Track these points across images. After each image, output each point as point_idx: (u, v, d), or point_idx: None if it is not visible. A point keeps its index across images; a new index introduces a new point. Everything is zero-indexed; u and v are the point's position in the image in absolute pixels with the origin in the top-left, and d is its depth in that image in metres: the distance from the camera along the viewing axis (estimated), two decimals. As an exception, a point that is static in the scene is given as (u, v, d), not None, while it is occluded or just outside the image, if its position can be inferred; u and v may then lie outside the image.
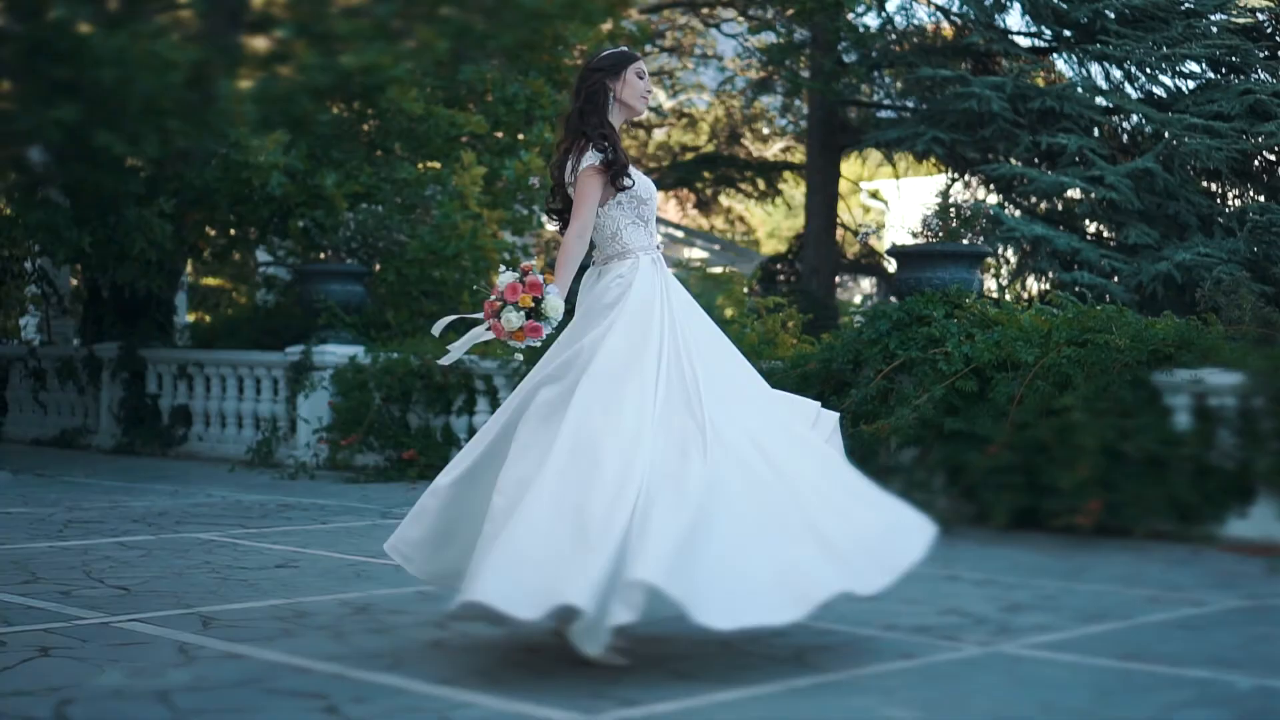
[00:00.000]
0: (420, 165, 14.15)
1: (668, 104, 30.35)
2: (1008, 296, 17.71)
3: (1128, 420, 8.27)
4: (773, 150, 30.00)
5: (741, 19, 27.23)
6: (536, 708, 4.48)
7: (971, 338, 8.96)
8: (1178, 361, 8.49)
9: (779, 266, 26.87)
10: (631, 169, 5.57)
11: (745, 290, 29.71)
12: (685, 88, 31.66)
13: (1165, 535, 8.23)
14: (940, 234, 9.72)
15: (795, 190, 28.86)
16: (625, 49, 5.80)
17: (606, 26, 15.85)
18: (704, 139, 30.94)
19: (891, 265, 25.20)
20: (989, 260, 11.60)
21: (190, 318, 19.34)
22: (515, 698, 4.59)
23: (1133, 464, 8.23)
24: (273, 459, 12.99)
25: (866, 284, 30.48)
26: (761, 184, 27.78)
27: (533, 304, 5.26)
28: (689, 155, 30.24)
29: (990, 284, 18.64)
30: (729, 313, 12.13)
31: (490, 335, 5.41)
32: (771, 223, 38.21)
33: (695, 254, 30.06)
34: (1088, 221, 21.11)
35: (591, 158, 5.44)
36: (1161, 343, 8.46)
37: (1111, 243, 20.47)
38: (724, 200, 31.74)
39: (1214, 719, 4.44)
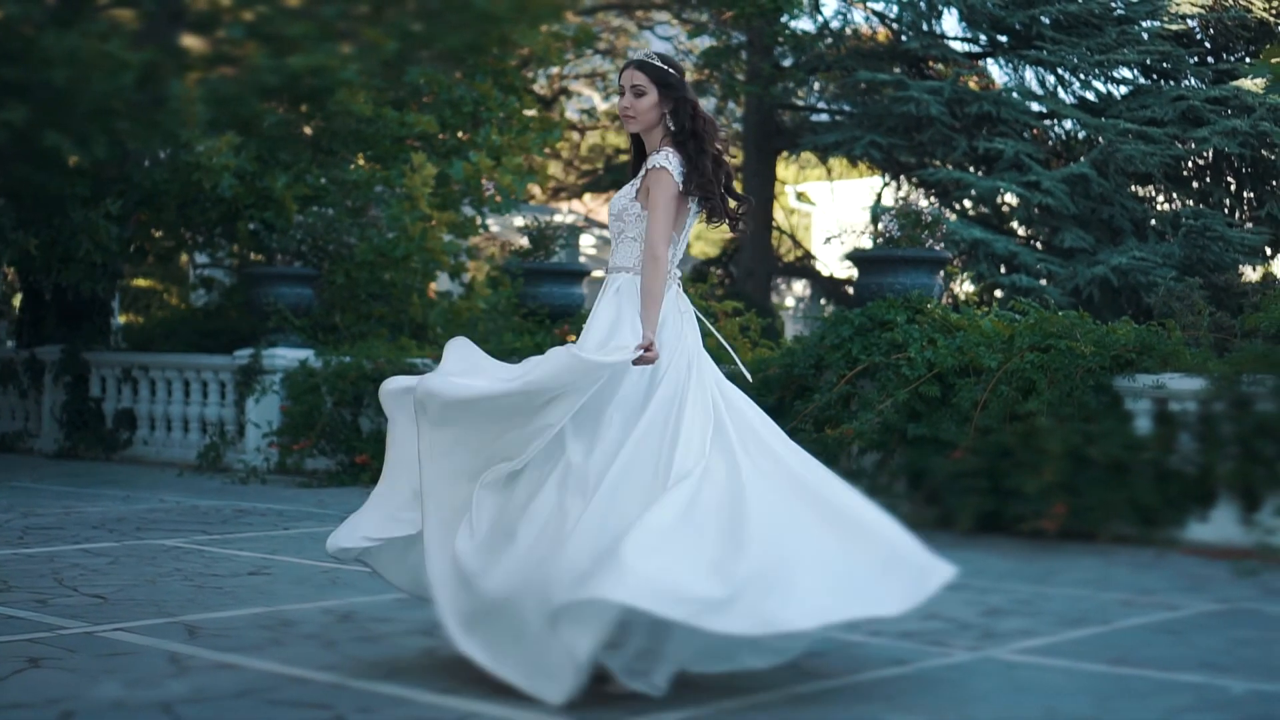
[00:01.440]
0: (367, 166, 14.07)
1: (601, 106, 30.35)
2: (946, 300, 17.83)
3: (1091, 425, 8.37)
4: (706, 153, 29.98)
5: (676, 22, 27.32)
6: (544, 716, 4.48)
7: (934, 343, 9.02)
8: (1139, 367, 8.59)
9: (713, 269, 26.90)
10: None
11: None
12: (618, 90, 31.67)
13: (1128, 539, 8.34)
14: (899, 239, 9.78)
15: (730, 193, 28.82)
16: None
17: (547, 29, 15.83)
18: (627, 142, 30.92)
19: (825, 268, 25.39)
20: (953, 265, 11.66)
21: (121, 319, 19.13)
22: (520, 707, 4.58)
23: (1096, 468, 8.32)
24: (221, 463, 12.88)
25: (799, 286, 30.57)
26: (696, 186, 27.71)
27: None
28: (623, 158, 30.25)
29: (956, 288, 18.78)
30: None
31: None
32: (697, 226, 38.29)
33: (628, 256, 29.99)
34: (1017, 224, 21.31)
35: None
36: (1123, 348, 8.56)
37: (1042, 246, 20.69)
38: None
39: (1218, 723, 4.51)
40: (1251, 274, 22.24)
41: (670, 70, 5.39)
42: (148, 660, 5.25)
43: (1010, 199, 20.85)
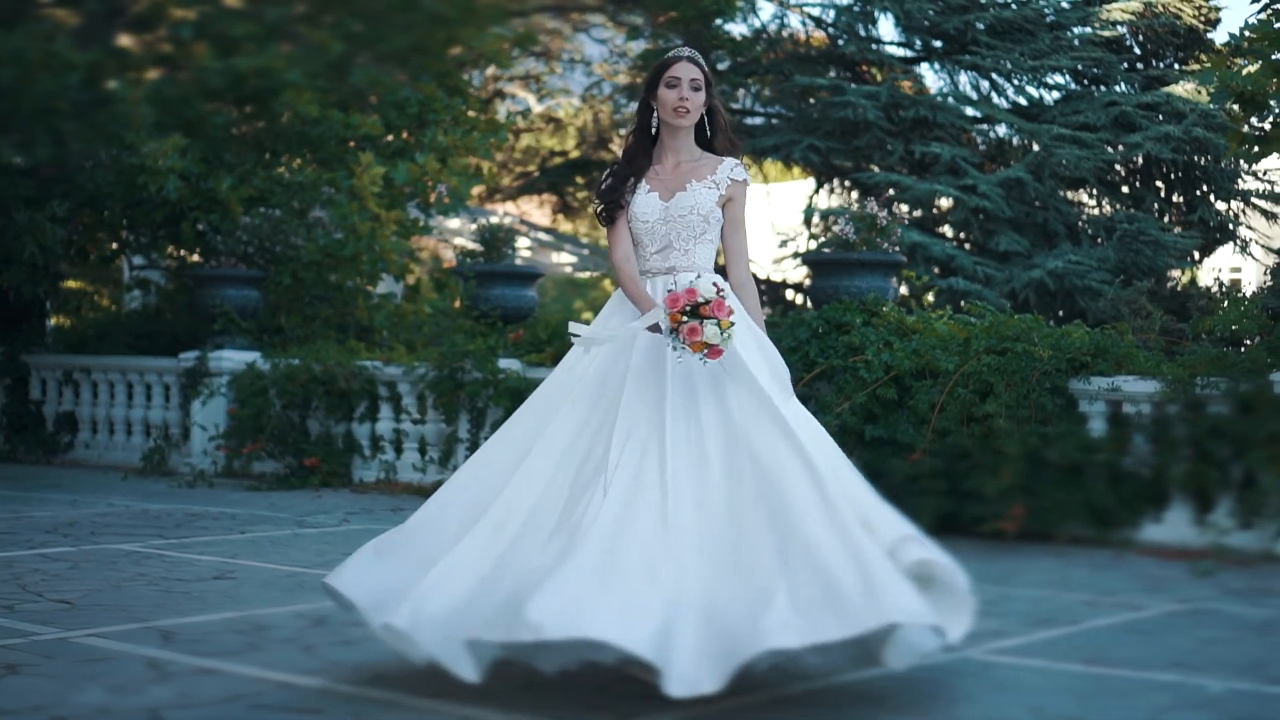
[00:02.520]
0: (312, 168, 13.98)
1: (536, 109, 30.32)
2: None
3: (1048, 427, 8.46)
4: (641, 156, 30.04)
5: (610, 24, 27.34)
6: (536, 718, 4.49)
7: (890, 345, 9.09)
8: (1094, 370, 8.69)
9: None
10: (641, 188, 5.48)
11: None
12: (552, 92, 31.66)
13: (1085, 540, 8.43)
14: (855, 243, 9.84)
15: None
16: (666, 57, 5.53)
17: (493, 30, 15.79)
18: (571, 144, 30.96)
19: (762, 270, 25.47)
20: (909, 271, 11.75)
21: (53, 321, 18.91)
22: (513, 711, 4.59)
23: (1053, 470, 8.41)
24: (166, 467, 12.77)
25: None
26: (634, 189, 27.78)
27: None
28: (557, 160, 30.26)
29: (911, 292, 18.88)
30: (587, 316, 12.10)
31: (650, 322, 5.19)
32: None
33: (564, 259, 30.06)
34: (950, 228, 21.48)
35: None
36: (1078, 351, 8.66)
37: (978, 249, 20.86)
38: (590, 205, 31.76)
39: (1203, 722, 4.58)
40: (1180, 277, 22.58)
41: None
42: (127, 666, 5.21)
43: (944, 202, 21.01)
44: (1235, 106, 10.76)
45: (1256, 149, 10.73)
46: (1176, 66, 23.22)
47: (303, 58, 13.20)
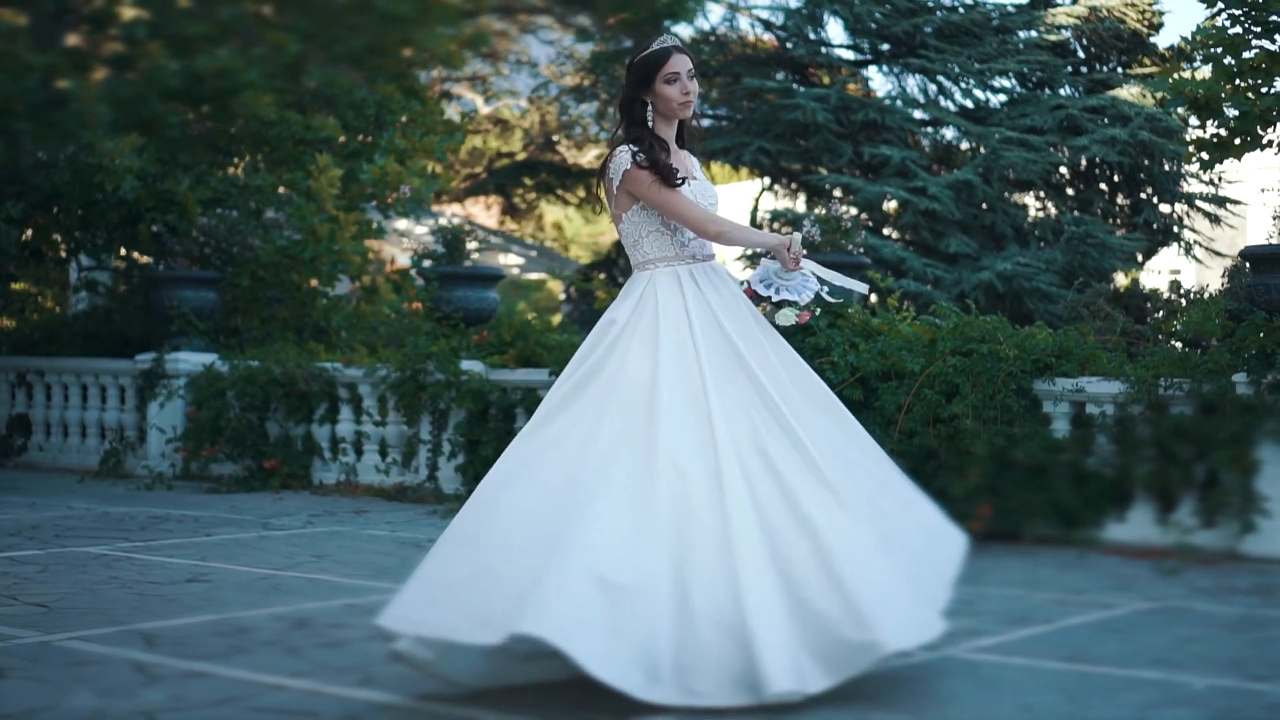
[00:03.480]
0: (268, 168, 13.92)
1: (484, 110, 30.29)
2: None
3: (1014, 428, 8.54)
4: (588, 157, 30.13)
5: (558, 25, 27.32)
6: (534, 720, 4.52)
7: (855, 347, 9.14)
8: (1058, 371, 8.78)
9: (598, 274, 26.97)
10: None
11: (562, 297, 29.86)
12: (498, 94, 31.64)
13: (1050, 539, 8.52)
14: (821, 244, 9.90)
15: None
16: (655, 49, 5.40)
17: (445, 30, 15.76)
18: (518, 145, 30.97)
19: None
20: (873, 273, 11.82)
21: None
22: (507, 711, 4.60)
23: (1018, 470, 8.49)
24: (123, 469, 12.68)
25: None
26: (582, 191, 27.87)
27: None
28: (503, 162, 30.26)
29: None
30: (531, 317, 12.09)
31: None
32: (572, 228, 38.32)
33: (511, 260, 30.04)
34: (896, 230, 21.61)
35: (624, 157, 5.35)
36: (1043, 352, 8.74)
37: (927, 252, 21.00)
38: (539, 206, 31.83)
39: (1192, 718, 4.63)
40: (1122, 279, 22.82)
41: None
42: (114, 669, 5.19)
43: (891, 205, 21.14)
44: (1182, 110, 10.91)
45: (1209, 155, 10.89)
46: (1120, 70, 23.48)
47: (261, 58, 13.14)
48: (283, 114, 13.45)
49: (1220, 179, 22.14)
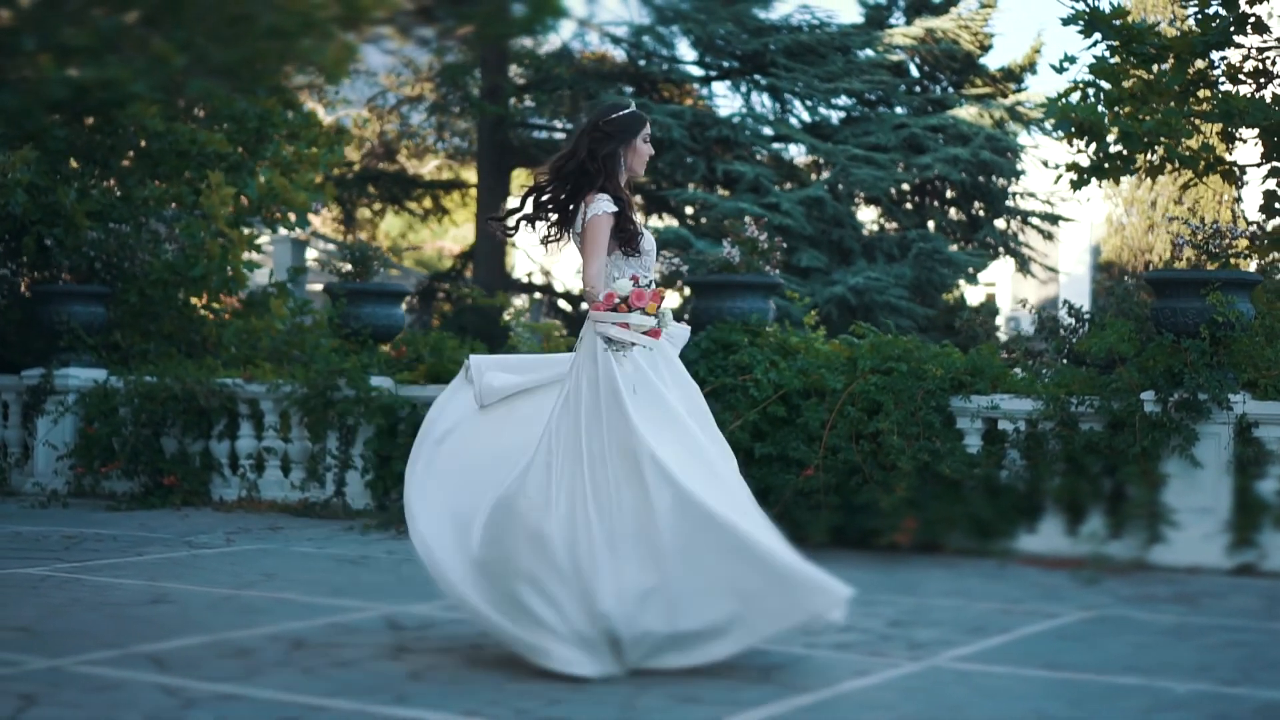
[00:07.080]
0: (151, 181, 13.79)
1: (325, 120, 30.05)
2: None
3: (936, 443, 8.91)
4: (428, 168, 30.13)
5: (399, 36, 27.26)
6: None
7: (776, 365, 9.45)
8: (972, 389, 9.18)
9: (442, 285, 26.97)
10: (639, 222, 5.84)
11: (404, 307, 29.75)
12: (334, 103, 31.43)
13: (969, 551, 8.91)
14: (738, 265, 10.19)
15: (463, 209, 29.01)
16: (635, 111, 6.06)
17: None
18: (355, 156, 30.81)
19: (559, 284, 25.78)
20: (792, 292, 12.15)
21: None
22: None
23: (938, 484, 8.87)
24: (8, 486, 12.48)
25: (519, 301, 30.83)
26: (428, 202, 27.86)
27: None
28: (340, 171, 30.07)
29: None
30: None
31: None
32: (402, 242, 38.19)
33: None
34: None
35: (605, 205, 5.74)
36: (959, 370, 9.14)
37: (780, 267, 21.44)
38: (364, 216, 31.68)
39: (1194, 720, 5.01)
40: (958, 293, 23.60)
41: None
42: (144, 694, 5.26)
43: (748, 220, 21.51)
44: (1059, 134, 11.44)
45: (1077, 177, 11.43)
46: (952, 90, 24.25)
47: (145, 69, 13.05)
48: (170, 126, 13.37)
49: (1053, 197, 23.03)
